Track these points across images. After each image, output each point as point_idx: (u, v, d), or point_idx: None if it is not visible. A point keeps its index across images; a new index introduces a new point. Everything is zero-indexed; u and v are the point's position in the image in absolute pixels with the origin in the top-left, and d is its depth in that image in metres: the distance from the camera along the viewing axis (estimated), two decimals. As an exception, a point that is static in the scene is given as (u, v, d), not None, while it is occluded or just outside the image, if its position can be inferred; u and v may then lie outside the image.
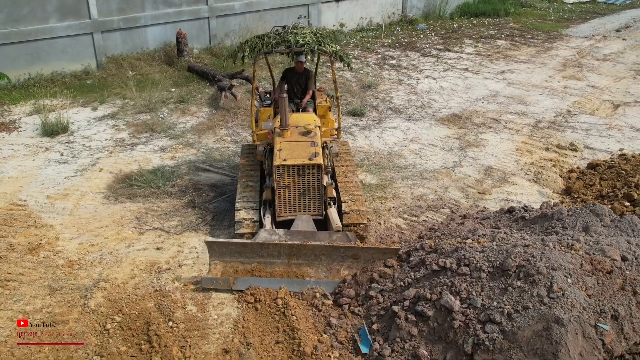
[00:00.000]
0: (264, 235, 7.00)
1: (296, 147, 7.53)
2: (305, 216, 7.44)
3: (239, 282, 6.68)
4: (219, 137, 11.35)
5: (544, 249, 5.48)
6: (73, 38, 14.47)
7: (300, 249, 6.73)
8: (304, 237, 6.99)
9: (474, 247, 5.95)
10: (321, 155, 7.44)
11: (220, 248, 6.82)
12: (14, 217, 8.43)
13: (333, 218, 7.45)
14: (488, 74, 15.72)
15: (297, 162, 7.33)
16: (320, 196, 7.49)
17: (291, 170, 7.36)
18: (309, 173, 7.37)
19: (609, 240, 5.62)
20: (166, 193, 9.14)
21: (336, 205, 7.74)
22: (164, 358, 5.73)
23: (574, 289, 5.08)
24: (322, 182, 7.45)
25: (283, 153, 7.44)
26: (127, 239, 7.96)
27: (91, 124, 11.91)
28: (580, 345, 4.85)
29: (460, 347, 5.24)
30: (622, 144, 11.13)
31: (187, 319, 6.35)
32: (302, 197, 7.49)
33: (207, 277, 6.73)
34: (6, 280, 7.02)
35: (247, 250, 6.82)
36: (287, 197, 7.49)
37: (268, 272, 6.79)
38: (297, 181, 7.42)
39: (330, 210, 7.59)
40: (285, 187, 7.42)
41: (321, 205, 7.53)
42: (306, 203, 7.51)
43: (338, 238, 6.95)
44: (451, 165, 10.20)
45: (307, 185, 7.43)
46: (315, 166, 7.33)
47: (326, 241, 6.87)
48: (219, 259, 6.86)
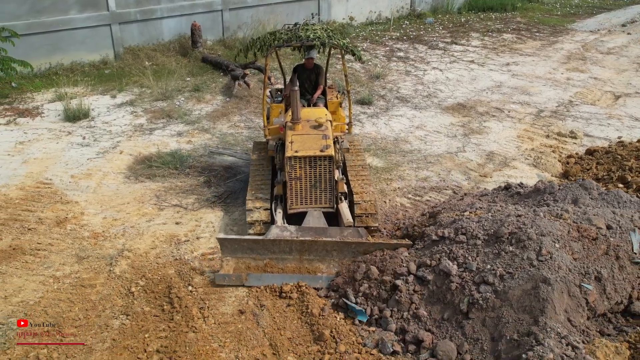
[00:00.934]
0: (276, 232, 7.00)
1: (308, 140, 7.57)
2: (317, 212, 7.43)
3: (251, 278, 6.72)
4: (233, 123, 11.86)
5: (534, 218, 5.95)
6: (92, 29, 15.02)
7: (311, 245, 6.74)
8: (315, 233, 6.97)
9: (471, 219, 6.43)
10: (333, 147, 7.48)
11: (232, 244, 6.85)
12: (41, 194, 8.98)
13: (344, 213, 7.45)
14: (493, 66, 16.15)
15: (308, 153, 7.34)
16: (332, 188, 7.49)
17: (303, 162, 7.38)
18: (320, 165, 7.38)
19: (596, 211, 6.08)
20: (183, 173, 9.66)
21: (347, 200, 7.77)
22: (185, 317, 6.24)
23: (561, 252, 5.55)
24: (334, 175, 7.48)
25: (295, 145, 7.48)
26: (147, 214, 8.48)
27: (110, 111, 12.46)
28: (565, 302, 5.32)
29: (457, 307, 5.71)
30: (621, 132, 11.53)
31: (205, 284, 6.87)
32: (313, 189, 7.50)
33: (219, 273, 6.75)
34: (36, 250, 7.58)
35: (258, 246, 6.84)
36: (298, 189, 7.51)
37: (280, 268, 6.80)
38: (308, 173, 7.42)
39: (341, 205, 7.59)
40: (296, 178, 7.45)
41: (332, 197, 7.54)
42: (317, 195, 7.53)
43: (349, 234, 6.94)
44: (454, 150, 10.66)
45: (318, 177, 7.45)
46: (327, 158, 7.34)
47: (337, 237, 6.85)
48: (231, 255, 6.89)
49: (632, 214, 6.02)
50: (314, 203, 7.57)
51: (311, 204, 7.56)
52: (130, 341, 5.98)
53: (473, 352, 5.35)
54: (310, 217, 7.34)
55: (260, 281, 6.69)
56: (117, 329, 6.16)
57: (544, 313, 5.18)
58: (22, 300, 6.58)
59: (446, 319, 5.76)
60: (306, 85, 8.95)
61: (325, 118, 8.01)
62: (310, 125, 7.80)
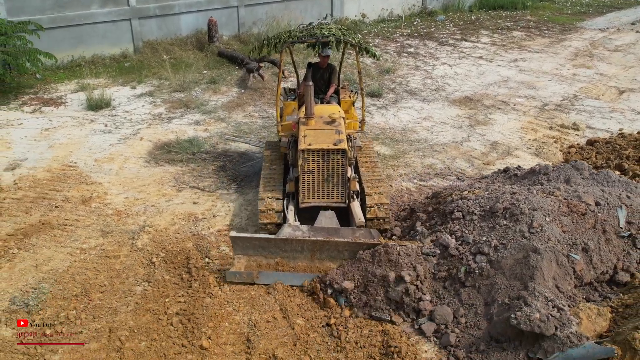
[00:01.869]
0: (288, 231, 7.00)
1: (321, 134, 7.56)
2: (329, 212, 7.38)
3: (262, 276, 6.76)
4: (247, 113, 12.37)
5: (528, 195, 6.40)
6: (113, 24, 15.60)
7: (323, 245, 6.71)
8: (327, 233, 6.96)
9: (469, 197, 6.88)
10: (346, 142, 7.46)
11: (244, 243, 6.85)
12: (67, 176, 9.54)
13: (356, 212, 7.43)
14: (501, 62, 16.54)
15: (322, 146, 7.33)
16: (345, 183, 7.48)
17: (316, 155, 7.36)
18: (333, 159, 7.36)
19: (586, 189, 6.51)
20: (200, 159, 10.17)
21: (359, 198, 7.78)
22: (202, 284, 6.75)
23: (551, 226, 5.99)
24: (347, 169, 7.47)
25: (308, 139, 7.46)
26: (166, 195, 9.01)
27: (131, 101, 13.02)
28: (553, 270, 5.76)
29: (455, 276, 6.16)
30: (623, 124, 11.89)
31: (220, 256, 7.38)
32: (325, 183, 7.49)
33: (231, 271, 6.76)
34: (64, 225, 8.12)
35: (270, 245, 6.84)
36: (310, 183, 7.51)
37: (291, 267, 6.81)
38: (321, 166, 7.41)
39: (353, 204, 7.58)
40: (309, 172, 7.44)
41: (345, 192, 7.52)
42: (330, 190, 7.52)
43: (361, 235, 6.92)
44: (460, 140, 11.09)
45: (331, 172, 7.43)
46: (340, 151, 7.32)
47: (349, 237, 6.82)
48: (242, 253, 6.89)
49: (620, 192, 6.43)
50: (326, 197, 7.58)
51: (323, 199, 7.58)
52: (152, 305, 6.50)
53: (468, 316, 5.80)
54: (323, 217, 7.33)
55: (271, 279, 6.73)
56: (139, 294, 6.68)
57: (533, 279, 5.63)
58: (51, 269, 7.12)
59: (446, 287, 6.21)
60: (320, 84, 8.97)
61: (339, 114, 8.02)
62: (324, 121, 7.81)
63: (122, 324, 6.18)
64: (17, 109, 12.41)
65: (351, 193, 7.62)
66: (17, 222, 8.14)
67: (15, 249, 7.52)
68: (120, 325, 6.16)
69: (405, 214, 8.00)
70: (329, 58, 8.91)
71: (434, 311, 5.94)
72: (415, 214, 7.67)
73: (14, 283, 6.87)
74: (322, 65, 8.95)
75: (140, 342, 5.95)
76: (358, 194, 7.77)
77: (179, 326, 6.16)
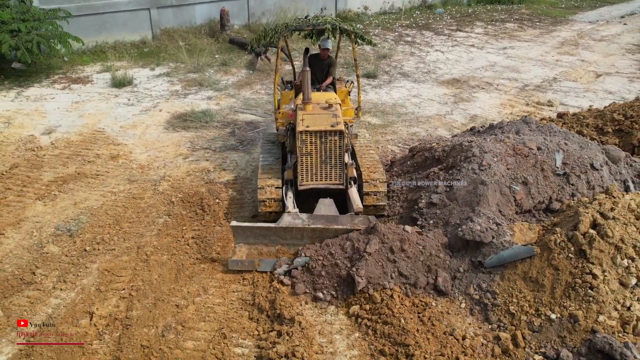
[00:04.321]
0: (288, 220, 7.12)
1: (318, 118, 7.70)
2: (328, 200, 7.54)
3: (264, 263, 6.93)
4: (255, 90, 13.78)
5: (481, 141, 7.73)
6: (133, 12, 17.07)
7: (323, 233, 6.93)
8: (326, 221, 7.10)
9: (435, 148, 8.22)
10: (343, 124, 7.59)
11: (244, 232, 7.05)
12: (97, 138, 10.98)
13: (354, 198, 7.58)
14: (491, 49, 17.84)
15: (319, 128, 7.46)
16: (342, 165, 7.62)
17: (314, 136, 7.48)
18: (331, 140, 7.50)
19: (530, 137, 7.82)
20: (212, 126, 11.58)
21: (356, 184, 7.94)
22: (213, 217, 8.16)
23: (497, 164, 7.31)
24: (344, 151, 7.60)
25: (306, 122, 7.61)
26: (183, 154, 10.41)
27: (150, 80, 14.47)
28: (497, 198, 7.08)
29: (415, 207, 7.50)
30: (594, 102, 13.13)
31: (229, 198, 8.78)
32: (323, 165, 7.62)
33: (233, 259, 6.98)
34: (96, 175, 9.56)
35: (271, 233, 7.04)
36: (309, 165, 7.64)
37: (291, 255, 6.99)
38: (319, 148, 7.54)
39: (351, 190, 7.73)
40: (307, 154, 7.56)
41: (342, 174, 7.66)
42: (328, 171, 7.66)
43: (360, 222, 7.05)
44: (443, 113, 12.42)
45: (329, 153, 7.56)
46: (337, 132, 7.45)
47: (348, 225, 6.99)
48: (244, 241, 7.11)
49: (559, 140, 7.74)
50: (325, 179, 7.72)
51: (321, 181, 7.72)
52: (171, 231, 7.92)
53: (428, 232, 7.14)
54: (322, 205, 7.48)
55: (272, 266, 6.93)
56: (161, 224, 8.10)
57: (479, 204, 6.96)
58: (87, 206, 8.56)
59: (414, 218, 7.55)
60: (318, 75, 9.22)
61: (335, 100, 8.19)
62: (321, 107, 7.97)
63: (147, 244, 7.60)
64: (49, 86, 13.90)
65: (349, 179, 7.81)
66: (57, 172, 9.59)
67: (56, 192, 8.97)
68: (146, 244, 7.59)
69: (387, 166, 9.34)
70: (329, 51, 9.20)
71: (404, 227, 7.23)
72: (394, 165, 9.03)
73: (57, 216, 8.32)
74: (322, 57, 9.24)
75: (162, 255, 7.37)
76: (355, 180, 7.95)
77: (193, 245, 7.57)
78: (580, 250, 6.00)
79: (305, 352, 5.66)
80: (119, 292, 6.71)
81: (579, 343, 5.53)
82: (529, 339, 5.72)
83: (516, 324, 5.89)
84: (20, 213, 8.37)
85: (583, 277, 5.86)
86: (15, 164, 9.80)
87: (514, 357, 5.60)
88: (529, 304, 5.98)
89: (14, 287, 6.83)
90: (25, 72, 14.55)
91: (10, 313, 6.41)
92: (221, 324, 6.19)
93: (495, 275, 6.30)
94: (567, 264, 5.99)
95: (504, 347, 5.69)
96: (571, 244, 6.06)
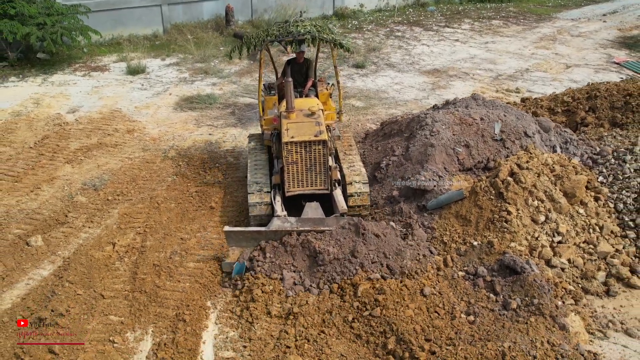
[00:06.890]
0: (277, 223, 7.42)
1: (302, 127, 8.01)
2: (314, 203, 7.88)
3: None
4: (254, 78, 15.42)
5: (435, 113, 9.33)
6: (146, 8, 18.77)
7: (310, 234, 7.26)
8: (313, 223, 7.42)
9: (400, 121, 9.84)
10: (326, 133, 7.94)
11: (237, 235, 7.40)
12: (115, 116, 12.67)
13: (338, 200, 7.92)
14: (474, 44, 19.38)
15: (304, 138, 7.80)
16: (327, 171, 7.99)
17: (299, 147, 7.82)
18: (315, 149, 7.84)
19: (476, 110, 9.41)
20: (215, 107, 13.24)
21: (340, 186, 8.29)
22: (213, 177, 9.85)
23: (445, 131, 8.91)
24: (328, 158, 7.96)
25: (290, 132, 7.94)
26: (189, 129, 12.07)
27: (161, 68, 16.16)
28: (443, 157, 8.67)
29: (378, 167, 9.11)
30: (558, 90, 14.64)
31: (228, 164, 10.42)
32: (309, 172, 7.97)
33: (226, 262, 7.38)
34: (115, 145, 11.25)
35: (261, 236, 7.36)
36: (295, 173, 7.99)
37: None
38: (304, 157, 7.88)
39: (335, 192, 8.09)
40: (293, 163, 7.89)
41: (327, 180, 8.03)
42: (313, 178, 8.02)
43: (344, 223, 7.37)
44: (420, 98, 14.01)
45: (313, 161, 7.91)
46: (321, 142, 7.81)
47: (334, 226, 7.32)
48: (236, 245, 7.47)
49: (499, 113, 9.32)
50: (310, 186, 8.08)
51: (307, 187, 8.08)
52: (178, 186, 9.59)
53: (386, 185, 8.74)
54: (309, 208, 7.81)
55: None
56: (170, 181, 9.78)
57: (427, 162, 8.55)
58: (108, 168, 10.24)
59: (376, 176, 9.14)
60: (297, 78, 9.30)
61: (318, 107, 8.45)
62: (304, 114, 8.26)
63: (158, 195, 9.28)
64: (71, 73, 15.62)
65: (333, 181, 8.17)
66: (81, 142, 11.29)
67: (81, 157, 10.66)
68: (158, 195, 9.26)
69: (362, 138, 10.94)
70: (305, 53, 9.39)
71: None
72: (367, 137, 10.65)
73: (84, 175, 10.01)
74: (299, 60, 9.40)
75: (170, 203, 9.04)
76: (339, 182, 8.31)
77: (196, 197, 9.24)
78: (499, 193, 7.60)
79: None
80: (135, 229, 8.38)
81: (493, 262, 7.13)
82: (456, 261, 7.32)
83: (447, 250, 7.50)
84: (53, 173, 10.06)
85: (500, 213, 7.48)
86: (46, 135, 11.51)
87: (443, 274, 7.19)
88: (458, 235, 7.60)
89: (51, 226, 8.53)
90: (49, 62, 16.26)
91: (49, 243, 8.09)
92: (217, 251, 7.84)
93: (435, 215, 7.92)
94: (488, 204, 7.60)
95: (437, 266, 7.28)
96: (492, 188, 7.67)
